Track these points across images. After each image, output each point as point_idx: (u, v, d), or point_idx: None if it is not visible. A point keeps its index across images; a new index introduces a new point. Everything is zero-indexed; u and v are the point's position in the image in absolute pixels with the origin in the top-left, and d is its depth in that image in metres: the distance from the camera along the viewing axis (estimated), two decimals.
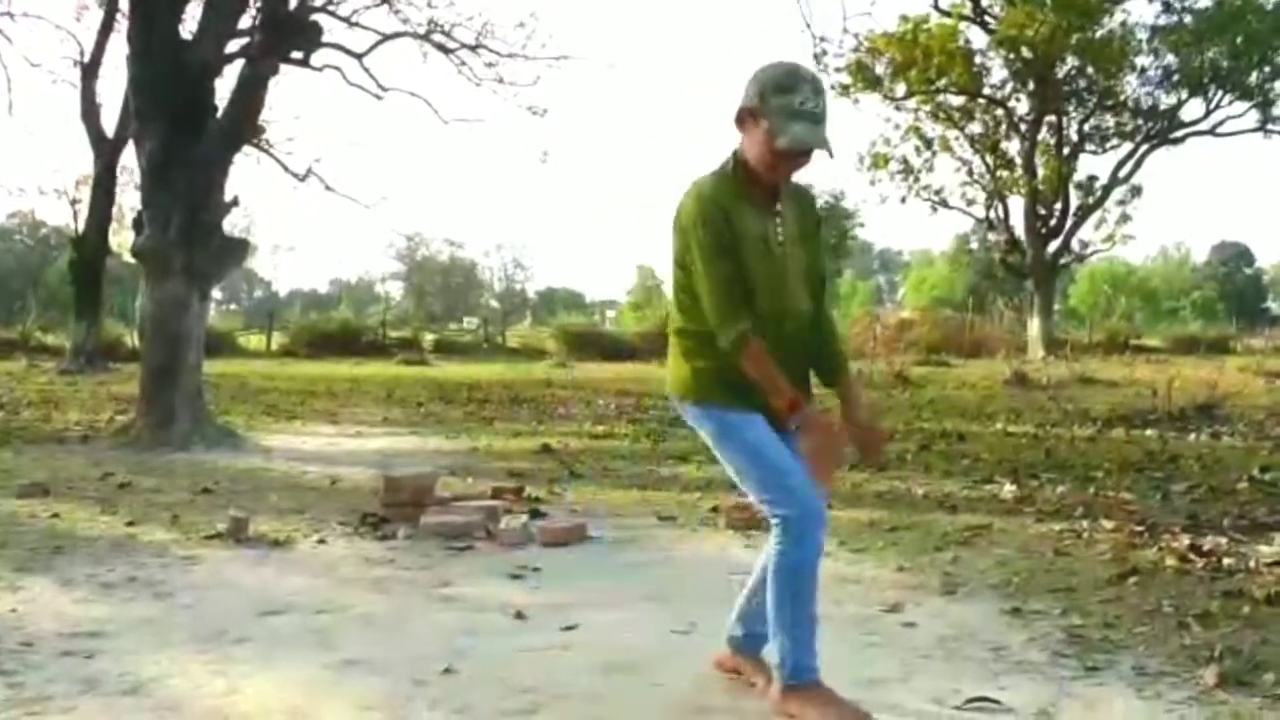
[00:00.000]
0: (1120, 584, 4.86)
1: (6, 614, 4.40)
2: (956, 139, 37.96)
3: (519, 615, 4.42)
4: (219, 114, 11.19)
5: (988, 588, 4.90)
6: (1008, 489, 7.64)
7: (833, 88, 35.05)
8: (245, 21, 12.83)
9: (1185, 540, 5.66)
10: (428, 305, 71.99)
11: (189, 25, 11.70)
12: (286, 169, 23.90)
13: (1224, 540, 5.69)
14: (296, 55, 13.15)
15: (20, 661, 3.78)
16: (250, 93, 11.41)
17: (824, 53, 33.43)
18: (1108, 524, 6.21)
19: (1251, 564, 5.15)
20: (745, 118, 3.20)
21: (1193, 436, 11.14)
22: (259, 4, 12.50)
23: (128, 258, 15.27)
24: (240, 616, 4.40)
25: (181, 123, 10.70)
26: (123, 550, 5.65)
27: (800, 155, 3.19)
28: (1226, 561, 5.21)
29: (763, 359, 3.17)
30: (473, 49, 21.75)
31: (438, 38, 21.61)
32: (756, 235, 3.20)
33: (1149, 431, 11.52)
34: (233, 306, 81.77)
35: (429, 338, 40.79)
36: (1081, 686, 3.54)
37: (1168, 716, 3.28)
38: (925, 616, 4.41)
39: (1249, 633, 4.06)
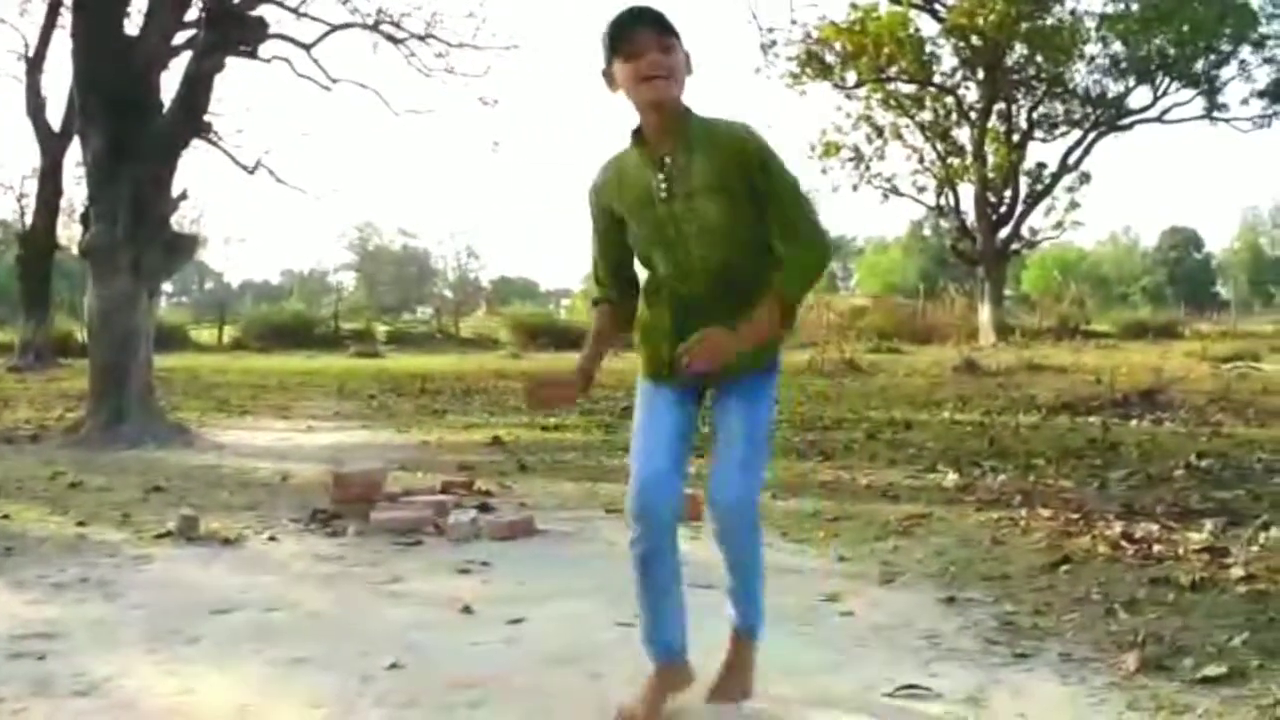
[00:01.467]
0: (1053, 572, 5.00)
1: None
2: (907, 127, 38.27)
3: (466, 610, 4.49)
4: (165, 108, 11.16)
5: (925, 577, 5.02)
6: (950, 478, 7.78)
7: (782, 77, 35.34)
8: (191, 14, 12.78)
9: (1118, 528, 5.79)
10: (380, 296, 71.65)
11: (134, 20, 11.64)
12: (236, 161, 23.68)
13: (1155, 527, 5.84)
14: (243, 47, 13.09)
15: None
16: (197, 86, 11.38)
17: (772, 43, 33.77)
18: (1045, 512, 6.34)
19: (1180, 551, 5.29)
20: (608, 80, 3.05)
21: (1135, 423, 11.34)
22: None
23: (76, 252, 15.16)
24: (192, 615, 4.45)
25: (127, 117, 10.67)
26: (74, 550, 5.68)
27: (637, 61, 2.94)
28: (1156, 548, 5.34)
29: (596, 325, 3.34)
30: (422, 39, 21.63)
31: (386, 28, 21.45)
32: (639, 196, 3.09)
33: (1092, 418, 11.71)
34: (184, 299, 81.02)
35: (382, 329, 40.71)
36: (1010, 673, 3.66)
37: (1089, 701, 3.40)
38: (863, 606, 4.53)
39: (1173, 618, 4.19)
